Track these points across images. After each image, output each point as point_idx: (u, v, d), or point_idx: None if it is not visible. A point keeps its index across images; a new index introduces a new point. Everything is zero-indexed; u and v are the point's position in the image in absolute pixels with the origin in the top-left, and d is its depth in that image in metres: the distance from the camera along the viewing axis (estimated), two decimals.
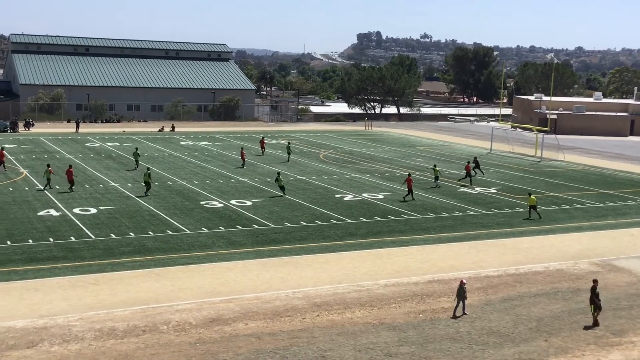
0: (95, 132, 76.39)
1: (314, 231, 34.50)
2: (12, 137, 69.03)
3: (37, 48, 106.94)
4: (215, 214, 37.42)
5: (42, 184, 43.47)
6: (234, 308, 23.31)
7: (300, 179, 49.28)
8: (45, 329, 20.89)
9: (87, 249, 29.84)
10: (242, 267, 28.10)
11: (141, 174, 47.81)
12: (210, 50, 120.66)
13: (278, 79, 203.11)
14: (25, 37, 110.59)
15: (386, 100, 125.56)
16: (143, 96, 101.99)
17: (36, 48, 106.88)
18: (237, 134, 79.18)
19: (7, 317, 21.60)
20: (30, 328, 20.89)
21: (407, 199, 42.32)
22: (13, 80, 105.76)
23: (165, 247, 30.55)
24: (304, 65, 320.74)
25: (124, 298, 23.97)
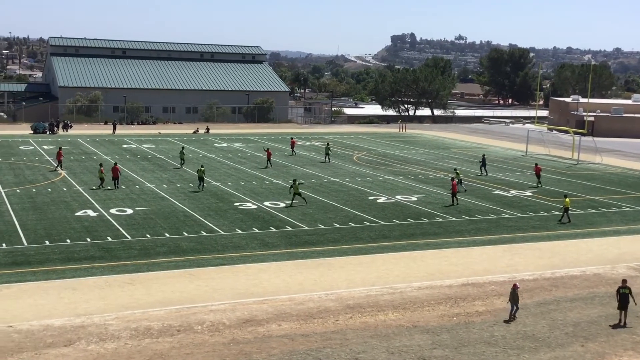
0: (131, 133, 77.37)
1: (347, 233, 34.48)
2: (51, 138, 70.27)
3: (75, 51, 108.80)
4: (249, 215, 37.64)
5: (80, 184, 44.18)
6: (267, 309, 23.41)
7: (333, 181, 49.30)
8: (82, 327, 21.22)
9: (123, 249, 30.24)
10: (275, 269, 28.21)
11: (178, 174, 48.38)
12: (245, 53, 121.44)
13: (312, 80, 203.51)
14: (63, 40, 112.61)
15: (420, 102, 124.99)
16: (178, 98, 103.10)
17: (74, 51, 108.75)
18: (271, 135, 79.51)
19: (45, 316, 22.00)
20: (68, 326, 21.23)
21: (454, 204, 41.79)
22: (52, 82, 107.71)
23: (199, 248, 30.82)
24: (338, 67, 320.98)
25: (159, 298, 24.24)
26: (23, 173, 48.49)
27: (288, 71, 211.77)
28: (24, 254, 28.80)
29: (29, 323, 21.32)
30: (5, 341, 19.90)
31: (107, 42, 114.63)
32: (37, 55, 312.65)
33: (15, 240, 30.78)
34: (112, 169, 44.59)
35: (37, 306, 22.88)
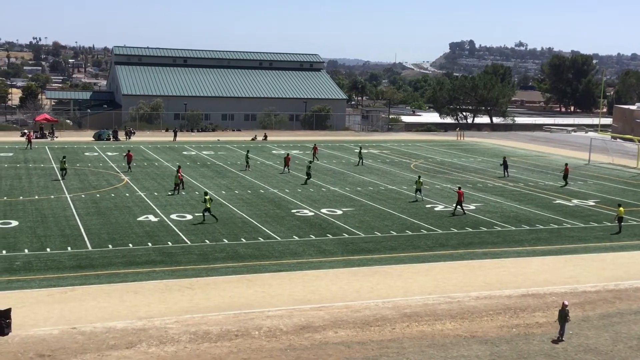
0: (191, 140, 78.74)
1: (404, 241, 34.31)
2: (114, 145, 72.10)
3: (138, 60, 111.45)
4: (306, 222, 37.83)
5: (142, 190, 45.22)
6: (324, 316, 23.47)
7: (390, 189, 49.13)
8: (143, 330, 21.68)
9: (183, 254, 30.78)
10: (332, 276, 28.27)
11: (237, 180, 49.06)
12: (303, 61, 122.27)
13: (369, 88, 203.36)
14: (127, 50, 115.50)
15: (479, 110, 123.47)
16: (237, 106, 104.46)
17: (138, 60, 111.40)
18: (328, 143, 79.76)
19: (108, 318, 22.57)
20: (130, 329, 21.73)
21: (457, 212, 41.10)
22: (116, 90, 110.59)
23: (257, 254, 31.13)
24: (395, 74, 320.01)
25: (217, 302, 24.58)
26: (88, 179, 49.89)
27: (345, 79, 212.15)
28: (88, 258, 29.62)
29: (92, 325, 21.90)
30: (69, 342, 20.49)
31: (168, 50, 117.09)
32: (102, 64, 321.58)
33: (80, 244, 31.69)
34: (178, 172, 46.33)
35: (100, 308, 23.49)
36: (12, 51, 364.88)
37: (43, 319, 22.26)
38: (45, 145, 69.72)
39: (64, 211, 38.50)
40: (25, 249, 30.49)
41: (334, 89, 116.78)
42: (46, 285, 25.81)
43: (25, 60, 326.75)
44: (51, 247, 30.95)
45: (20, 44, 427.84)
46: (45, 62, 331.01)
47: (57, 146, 68.73)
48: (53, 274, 27.23)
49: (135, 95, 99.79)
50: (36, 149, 65.82)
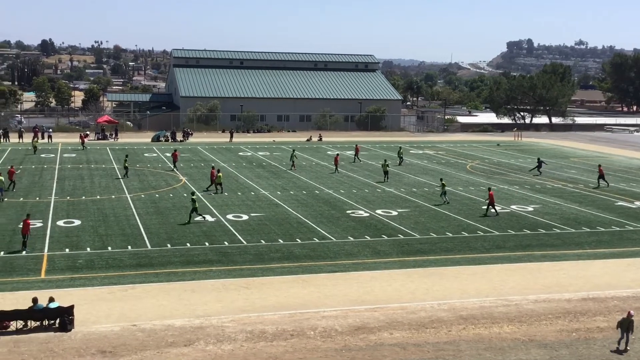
0: (247, 141, 79.56)
1: (460, 242, 33.96)
2: (172, 146, 73.37)
3: (196, 62, 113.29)
4: (361, 223, 37.81)
5: (199, 190, 45.86)
6: (379, 317, 23.43)
7: (446, 190, 48.62)
8: (200, 328, 22.04)
9: (239, 253, 31.14)
10: (387, 277, 28.19)
11: (292, 181, 49.37)
12: (358, 62, 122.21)
13: (424, 89, 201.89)
14: (185, 52, 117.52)
15: (537, 110, 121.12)
16: (292, 107, 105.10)
17: (195, 62, 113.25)
18: (383, 143, 79.49)
19: (167, 316, 23.01)
20: (188, 327, 22.11)
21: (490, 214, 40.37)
22: (174, 92, 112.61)
23: (312, 255, 31.26)
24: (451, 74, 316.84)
25: (273, 302, 24.79)
26: (147, 179, 50.94)
27: (401, 79, 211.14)
28: (147, 257, 30.26)
29: (152, 322, 22.36)
30: (130, 339, 20.98)
31: (225, 53, 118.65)
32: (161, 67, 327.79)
33: (140, 243, 32.39)
34: (211, 173, 47.29)
35: (160, 306, 23.97)
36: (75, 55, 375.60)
37: (104, 316, 22.84)
38: (107, 146, 71.49)
39: (124, 211, 39.41)
40: (87, 248, 31.33)
41: (389, 90, 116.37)
42: (107, 283, 26.47)
43: (87, 64, 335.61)
44: (112, 246, 31.73)
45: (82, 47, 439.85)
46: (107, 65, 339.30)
47: (117, 147, 70.40)
48: (114, 272, 27.92)
49: (192, 97, 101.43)
50: (97, 150, 67.56)
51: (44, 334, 21.19)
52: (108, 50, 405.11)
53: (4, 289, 25.34)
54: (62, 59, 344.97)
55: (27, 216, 31.68)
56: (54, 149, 67.25)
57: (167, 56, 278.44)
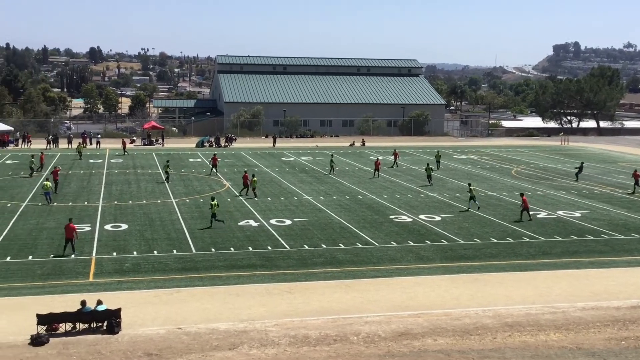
0: (290, 146, 79.93)
1: (505, 248, 33.53)
2: (216, 151, 74.13)
3: (240, 68, 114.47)
4: (404, 228, 37.63)
5: (250, 194, 46.28)
6: (423, 323, 23.27)
7: (490, 195, 48.14)
8: (244, 332, 22.19)
9: (282, 258, 31.28)
10: (430, 282, 27.99)
11: (334, 186, 49.42)
12: (401, 66, 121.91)
13: (468, 93, 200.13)
14: (229, 59, 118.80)
15: (584, 114, 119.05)
16: (335, 112, 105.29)
17: (239, 68, 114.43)
18: (426, 148, 79.02)
19: (211, 320, 23.24)
20: (232, 331, 22.29)
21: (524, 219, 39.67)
22: (219, 98, 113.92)
23: (355, 260, 31.23)
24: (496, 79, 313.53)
25: (316, 307, 24.83)
26: (192, 184, 51.57)
27: (444, 84, 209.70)
28: (192, 260, 30.62)
29: (197, 326, 22.61)
30: (175, 342, 21.24)
31: (269, 59, 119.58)
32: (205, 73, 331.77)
33: (185, 247, 32.79)
34: (243, 177, 48.02)
35: (204, 310, 24.22)
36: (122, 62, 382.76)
37: (150, 319, 23.18)
38: (153, 151, 72.59)
39: (169, 215, 39.96)
40: (134, 251, 31.86)
41: (433, 94, 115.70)
42: (153, 286, 26.87)
43: (134, 71, 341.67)
44: (158, 250, 32.20)
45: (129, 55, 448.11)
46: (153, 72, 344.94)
47: (163, 152, 71.44)
48: (160, 275, 28.31)
49: (236, 103, 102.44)
50: (143, 155, 68.64)
51: (92, 336, 21.60)
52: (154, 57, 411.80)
53: (54, 291, 25.94)
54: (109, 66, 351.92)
55: (69, 220, 32.27)
56: (102, 155, 68.59)
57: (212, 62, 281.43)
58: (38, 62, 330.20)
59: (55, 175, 47.28)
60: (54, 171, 48.22)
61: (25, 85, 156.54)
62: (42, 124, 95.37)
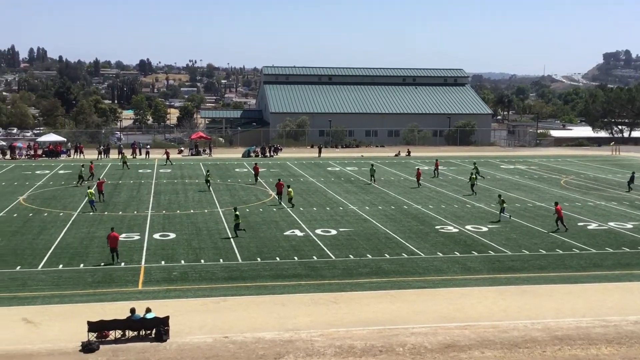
0: (335, 156, 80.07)
1: (554, 260, 32.95)
2: (262, 161, 74.74)
3: (285, 79, 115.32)
4: (450, 238, 37.31)
5: (298, 205, 46.51)
6: (470, 335, 23.00)
7: (539, 206, 47.39)
8: (290, 342, 22.26)
9: (328, 268, 31.31)
10: (477, 294, 27.66)
11: (380, 196, 49.29)
12: (447, 76, 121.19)
13: (516, 102, 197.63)
14: (275, 69, 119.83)
15: (636, 124, 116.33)
16: (380, 122, 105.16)
17: (285, 79, 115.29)
18: (473, 158, 78.26)
19: (257, 329, 23.39)
20: (278, 340, 22.39)
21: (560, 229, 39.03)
22: (264, 109, 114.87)
23: (400, 270, 31.07)
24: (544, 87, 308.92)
25: (361, 317, 24.77)
26: (238, 194, 52.06)
27: (491, 93, 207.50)
28: (238, 270, 30.88)
29: (243, 335, 22.77)
30: (222, 351, 21.43)
31: (314, 69, 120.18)
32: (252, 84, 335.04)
33: (231, 257, 33.10)
34: (277, 184, 48.17)
35: (250, 319, 24.38)
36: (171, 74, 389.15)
37: (198, 327, 23.44)
38: (200, 161, 73.55)
39: (216, 225, 40.40)
40: (182, 260, 32.29)
41: (479, 104, 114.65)
42: (200, 295, 27.17)
43: (182, 82, 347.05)
44: (205, 259, 32.56)
45: (177, 66, 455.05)
46: (200, 83, 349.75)
47: (210, 162, 72.31)
48: (207, 284, 28.63)
49: (282, 113, 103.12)
50: (191, 165, 69.59)
51: (141, 344, 21.94)
52: (202, 69, 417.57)
53: (104, 299, 26.45)
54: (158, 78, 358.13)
55: (111, 230, 32.90)
56: (151, 165, 69.76)
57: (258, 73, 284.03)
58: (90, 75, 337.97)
59: (100, 187, 48.37)
60: (99, 182, 49.39)
61: (78, 97, 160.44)
62: (94, 135, 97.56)
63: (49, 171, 63.68)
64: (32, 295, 26.78)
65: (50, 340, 22.09)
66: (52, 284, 28.32)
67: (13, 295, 26.68)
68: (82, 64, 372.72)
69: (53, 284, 28.32)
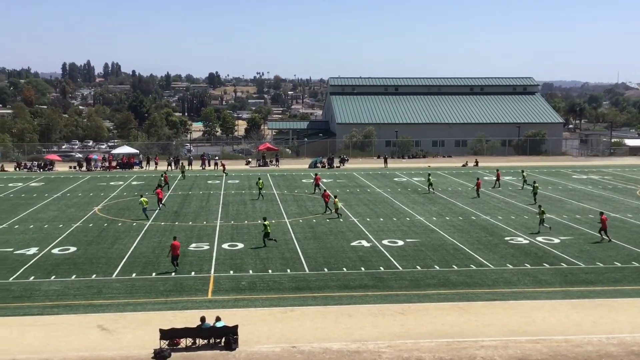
0: (402, 167, 79.65)
1: (630, 273, 31.87)
2: (329, 172, 75.07)
3: (352, 90, 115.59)
4: (520, 250, 36.57)
5: (355, 216, 46.54)
6: (542, 349, 22.48)
7: (614, 217, 45.94)
8: (357, 353, 22.24)
9: (395, 279, 31.16)
10: (549, 307, 27.02)
11: (447, 207, 48.83)
12: (516, 85, 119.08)
13: (588, 111, 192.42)
14: (341, 80, 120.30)
15: None
16: (447, 132, 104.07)
17: (351, 90, 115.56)
18: (543, 168, 76.58)
19: (324, 339, 23.47)
20: (345, 351, 22.40)
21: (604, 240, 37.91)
22: (331, 119, 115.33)
23: (469, 282, 30.64)
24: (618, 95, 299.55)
25: (429, 329, 24.55)
26: (305, 204, 52.40)
27: (562, 101, 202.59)
28: (305, 280, 31.06)
29: (310, 345, 22.89)
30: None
31: (380, 80, 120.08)
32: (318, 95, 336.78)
33: (298, 267, 33.32)
34: (323, 195, 48.99)
35: (317, 329, 24.49)
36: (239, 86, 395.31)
37: (266, 336, 23.69)
38: (267, 172, 74.39)
39: (283, 235, 40.76)
40: (250, 270, 32.71)
41: (550, 113, 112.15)
42: (268, 304, 27.45)
43: (249, 94, 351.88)
44: (272, 269, 32.89)
45: (245, 79, 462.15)
46: (267, 95, 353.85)
47: (277, 173, 73.05)
48: (274, 294, 28.90)
49: (348, 124, 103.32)
50: (258, 176, 70.41)
51: (211, 352, 22.33)
52: (269, 81, 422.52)
53: (175, 307, 27.04)
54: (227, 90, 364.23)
55: (174, 238, 33.73)
56: (219, 176, 70.95)
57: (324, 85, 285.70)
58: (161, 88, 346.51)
59: (159, 195, 50.44)
60: (157, 191, 51.17)
61: (150, 110, 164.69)
62: (165, 147, 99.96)
63: (123, 182, 65.59)
64: (107, 302, 27.62)
65: (124, 347, 22.73)
66: (126, 292, 29.14)
67: (89, 303, 27.58)
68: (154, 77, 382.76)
69: (127, 292, 29.14)
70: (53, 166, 78.87)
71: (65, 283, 30.43)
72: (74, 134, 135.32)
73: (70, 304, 27.50)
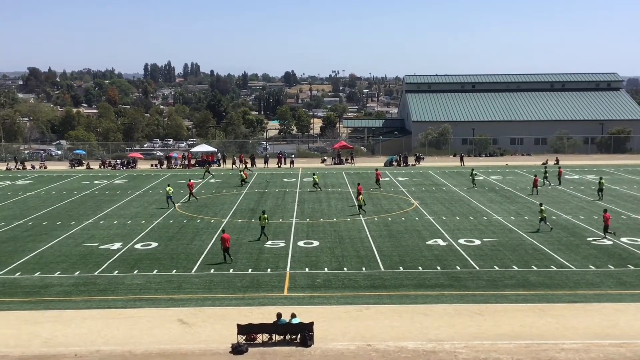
0: (479, 165, 78.34)
1: None
2: (404, 170, 74.64)
3: (427, 87, 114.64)
4: (603, 251, 35.43)
5: (431, 214, 46.14)
6: (626, 353, 21.73)
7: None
8: (433, 352, 22.07)
9: (471, 279, 30.72)
10: (634, 310, 26.08)
11: (526, 206, 47.77)
12: (599, 80, 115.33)
13: None
14: (417, 78, 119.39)
15: None
16: (526, 129, 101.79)
17: (427, 87, 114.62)
18: (628, 167, 73.85)
19: (400, 338, 23.38)
20: (420, 350, 22.26)
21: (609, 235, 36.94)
22: (406, 117, 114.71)
23: (549, 283, 29.90)
24: None
25: (507, 330, 24.10)
26: (380, 202, 52.26)
27: None
28: (380, 278, 31.00)
29: (385, 343, 22.85)
30: (365, 358, 21.64)
31: (457, 77, 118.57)
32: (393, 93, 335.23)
33: (374, 265, 33.29)
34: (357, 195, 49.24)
35: (392, 328, 24.42)
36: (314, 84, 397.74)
37: (341, 334, 23.80)
38: (343, 170, 74.59)
39: (358, 233, 40.79)
40: (325, 268, 32.90)
41: (635, 109, 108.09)
42: (343, 302, 27.56)
43: (325, 93, 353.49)
44: (347, 267, 32.98)
45: (320, 77, 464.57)
46: (342, 93, 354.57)
47: (352, 171, 73.13)
48: (349, 292, 28.98)
49: (424, 122, 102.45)
50: (334, 174, 70.72)
51: (287, 348, 22.60)
52: (344, 79, 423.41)
53: (252, 303, 27.50)
54: (302, 89, 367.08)
55: (222, 231, 34.41)
56: (295, 174, 71.63)
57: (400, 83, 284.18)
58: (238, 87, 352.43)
59: (190, 188, 53.59)
60: (189, 184, 54.05)
61: (227, 109, 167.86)
62: (242, 145, 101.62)
63: (201, 180, 67.05)
64: (186, 297, 28.36)
65: (203, 340, 23.29)
66: (205, 287, 29.82)
67: (169, 297, 28.38)
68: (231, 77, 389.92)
69: (205, 287, 29.82)
70: (136, 164, 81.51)
71: (147, 277, 31.41)
72: (155, 133, 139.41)
73: (151, 297, 28.37)
